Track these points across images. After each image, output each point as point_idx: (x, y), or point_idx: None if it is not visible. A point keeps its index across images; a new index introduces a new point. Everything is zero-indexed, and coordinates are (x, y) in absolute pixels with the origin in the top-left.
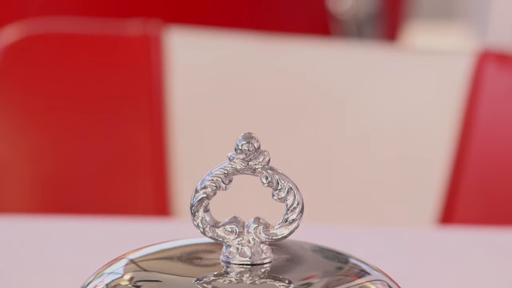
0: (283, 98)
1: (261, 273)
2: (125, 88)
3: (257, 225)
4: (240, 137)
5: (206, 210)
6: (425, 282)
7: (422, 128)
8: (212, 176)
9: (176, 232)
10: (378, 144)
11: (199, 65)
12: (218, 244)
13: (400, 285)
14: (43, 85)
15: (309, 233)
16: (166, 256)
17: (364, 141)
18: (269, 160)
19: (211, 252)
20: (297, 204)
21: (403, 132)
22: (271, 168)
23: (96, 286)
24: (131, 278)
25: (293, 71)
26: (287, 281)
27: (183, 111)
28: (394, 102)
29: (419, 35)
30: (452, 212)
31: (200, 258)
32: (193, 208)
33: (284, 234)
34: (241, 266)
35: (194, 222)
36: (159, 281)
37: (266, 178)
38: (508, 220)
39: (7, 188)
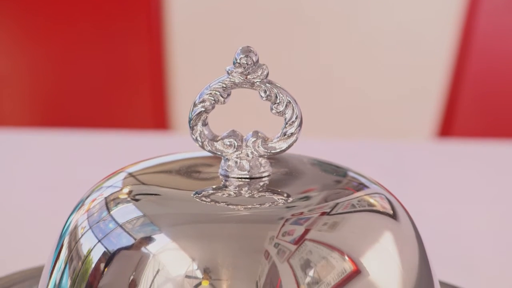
0: (282, 13)
1: (259, 186)
2: (124, 5)
3: (255, 138)
4: (239, 51)
5: (205, 124)
6: (423, 194)
7: (421, 42)
8: (210, 90)
9: (174, 146)
10: (377, 59)
11: None
12: (216, 157)
13: (398, 198)
14: (42, 1)
15: (308, 147)
16: (164, 170)
17: (364, 56)
18: (267, 74)
19: (210, 165)
20: (296, 118)
21: (402, 45)
22: (270, 82)
23: (95, 199)
24: (130, 192)
25: None
26: (285, 195)
27: (182, 26)
28: (393, 16)
29: None
30: (450, 125)
31: (199, 172)
32: (192, 122)
33: (283, 148)
34: (239, 179)
35: (193, 136)
36: (158, 194)
37: (265, 91)
38: (505, 133)
39: (7, 102)
